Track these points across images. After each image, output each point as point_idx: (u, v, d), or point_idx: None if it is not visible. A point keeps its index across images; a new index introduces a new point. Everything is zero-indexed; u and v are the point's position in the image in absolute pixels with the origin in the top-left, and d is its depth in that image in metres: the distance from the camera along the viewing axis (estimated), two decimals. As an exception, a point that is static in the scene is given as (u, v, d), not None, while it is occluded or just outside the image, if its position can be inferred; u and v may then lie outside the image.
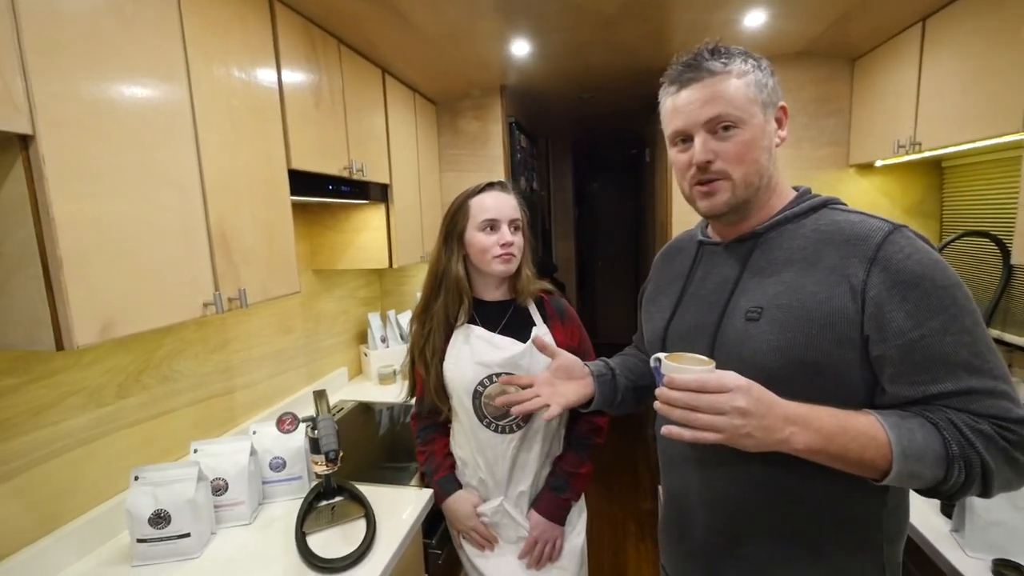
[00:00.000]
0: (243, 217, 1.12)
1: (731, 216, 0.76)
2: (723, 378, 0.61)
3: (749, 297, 0.74)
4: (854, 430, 0.62)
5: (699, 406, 0.60)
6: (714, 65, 0.71)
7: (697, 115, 0.72)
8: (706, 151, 0.72)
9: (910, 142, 1.62)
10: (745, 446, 0.61)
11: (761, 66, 0.74)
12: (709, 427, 0.60)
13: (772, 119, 0.74)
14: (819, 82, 2.07)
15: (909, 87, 1.65)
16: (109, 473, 1.13)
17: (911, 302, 0.63)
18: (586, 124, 3.69)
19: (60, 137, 0.74)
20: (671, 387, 0.62)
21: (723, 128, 0.71)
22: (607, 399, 0.97)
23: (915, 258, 0.64)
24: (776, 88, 0.75)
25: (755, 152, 0.72)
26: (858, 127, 2.03)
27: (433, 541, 1.30)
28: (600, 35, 1.80)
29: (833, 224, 0.71)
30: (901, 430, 0.61)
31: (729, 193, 0.73)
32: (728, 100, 0.70)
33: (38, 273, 0.73)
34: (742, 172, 0.72)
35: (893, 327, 0.63)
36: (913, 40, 1.63)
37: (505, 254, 1.11)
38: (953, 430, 0.61)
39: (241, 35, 1.13)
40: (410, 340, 1.22)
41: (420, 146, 2.21)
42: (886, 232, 0.66)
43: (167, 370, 1.28)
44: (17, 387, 0.96)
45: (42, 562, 0.97)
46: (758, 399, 0.61)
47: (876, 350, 0.65)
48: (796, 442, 0.61)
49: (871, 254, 0.65)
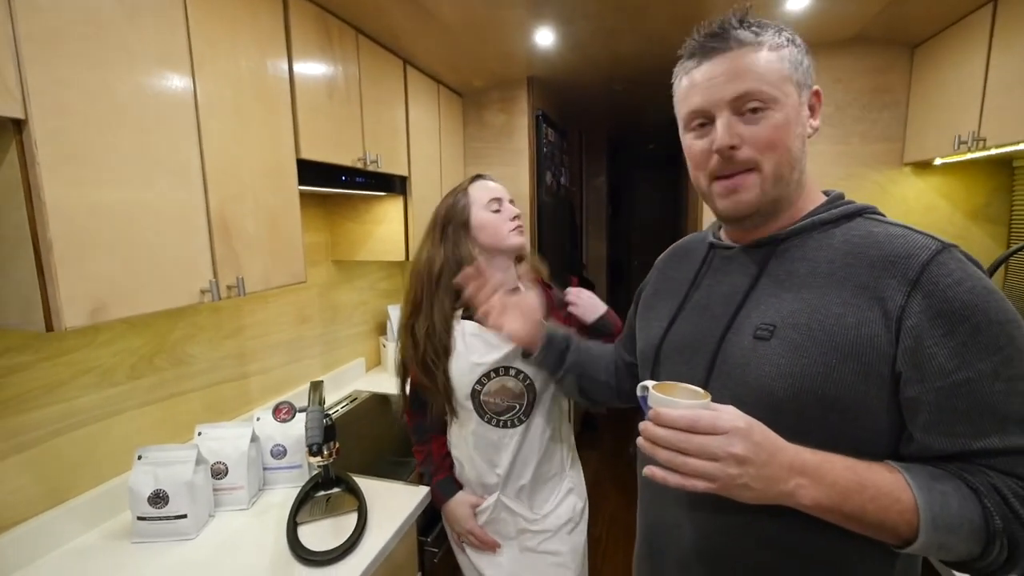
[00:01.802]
0: (246, 205, 1.13)
1: (755, 219, 0.66)
2: (718, 417, 0.52)
3: (761, 312, 0.64)
4: (875, 488, 0.53)
5: (688, 448, 0.52)
6: (744, 35, 0.60)
7: (721, 91, 0.60)
8: (731, 134, 0.60)
9: (973, 138, 1.45)
10: (742, 497, 0.53)
11: (796, 42, 0.63)
12: (699, 474, 0.51)
13: (806, 104, 0.64)
14: (874, 71, 1.90)
15: (974, 77, 1.47)
16: (118, 451, 1.17)
17: (957, 338, 0.53)
18: (622, 118, 3.57)
19: (55, 123, 0.76)
20: (657, 423, 0.54)
21: (752, 109, 0.60)
22: (547, 365, 0.98)
23: (967, 285, 0.54)
24: (810, 69, 0.64)
25: (789, 138, 0.60)
26: (916, 121, 1.85)
27: (429, 539, 1.28)
28: (628, 22, 1.71)
29: (869, 236, 0.61)
30: (932, 493, 0.52)
31: (757, 190, 0.62)
32: (760, 75, 0.59)
33: (30, 256, 0.75)
34: (774, 162, 0.61)
35: (933, 365, 0.53)
36: (982, 24, 1.45)
37: (518, 226, 1.13)
38: (997, 498, 0.52)
39: (249, 24, 1.13)
40: (398, 353, 1.20)
41: (443, 139, 2.19)
42: (934, 251, 0.56)
43: (180, 353, 1.32)
44: (32, 363, 1.01)
45: (50, 532, 1.02)
46: (759, 444, 0.52)
47: (910, 391, 0.55)
48: (803, 497, 0.53)
49: (913, 276, 0.55)
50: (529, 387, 1.10)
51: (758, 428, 0.53)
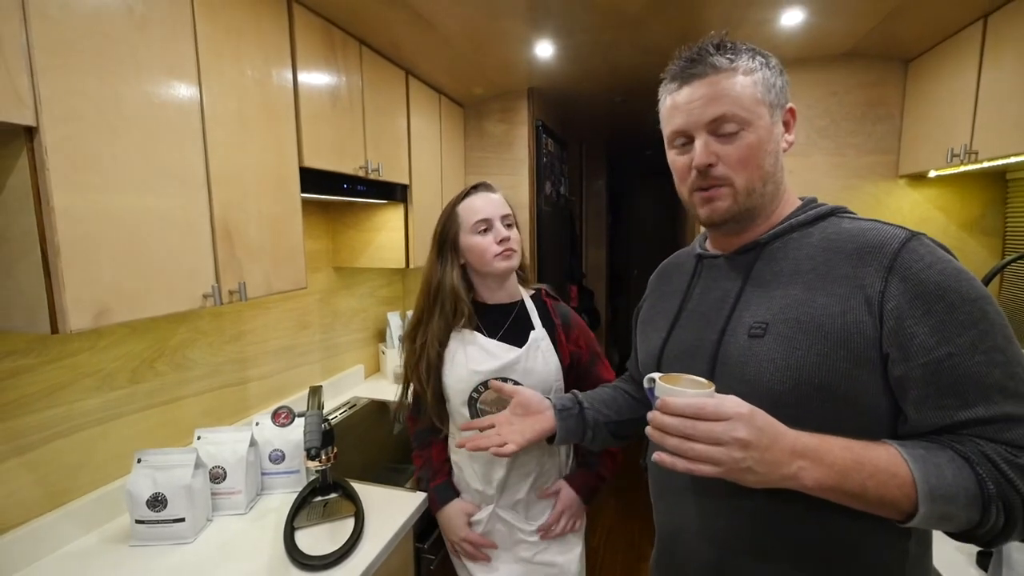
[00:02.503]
0: (249, 212, 1.15)
1: (732, 225, 0.71)
2: (722, 404, 0.55)
3: (752, 312, 0.68)
4: (872, 465, 0.55)
5: (695, 435, 0.54)
6: (719, 60, 0.66)
7: (700, 114, 0.67)
8: (707, 153, 0.66)
9: (965, 151, 1.47)
10: (747, 481, 0.55)
11: (769, 64, 0.69)
12: (705, 458, 0.54)
13: (780, 122, 0.69)
14: (868, 86, 1.92)
15: (966, 91, 1.50)
16: (118, 454, 1.17)
17: (935, 316, 0.57)
18: (621, 129, 3.61)
19: (65, 130, 0.78)
20: (664, 411, 0.57)
21: (727, 132, 0.66)
22: (572, 433, 0.93)
23: (937, 267, 0.58)
24: (784, 89, 0.70)
25: (760, 157, 0.67)
26: (909, 134, 1.87)
27: (426, 545, 1.28)
28: (626, 35, 1.75)
29: (843, 232, 0.66)
30: (927, 465, 0.55)
31: (731, 200, 0.68)
32: (734, 99, 0.65)
33: (37, 259, 0.77)
34: (745, 178, 0.67)
35: (915, 344, 0.57)
36: (973, 39, 1.48)
37: (505, 251, 1.10)
38: (988, 465, 0.54)
39: (255, 35, 1.16)
40: (403, 357, 1.22)
41: (444, 148, 2.22)
42: (903, 239, 0.61)
43: (180, 358, 1.33)
44: (35, 367, 1.02)
45: (48, 535, 1.02)
46: (761, 429, 0.54)
47: (897, 370, 0.58)
48: (805, 478, 0.55)
49: (888, 263, 0.60)
50: None
51: (760, 414, 0.56)
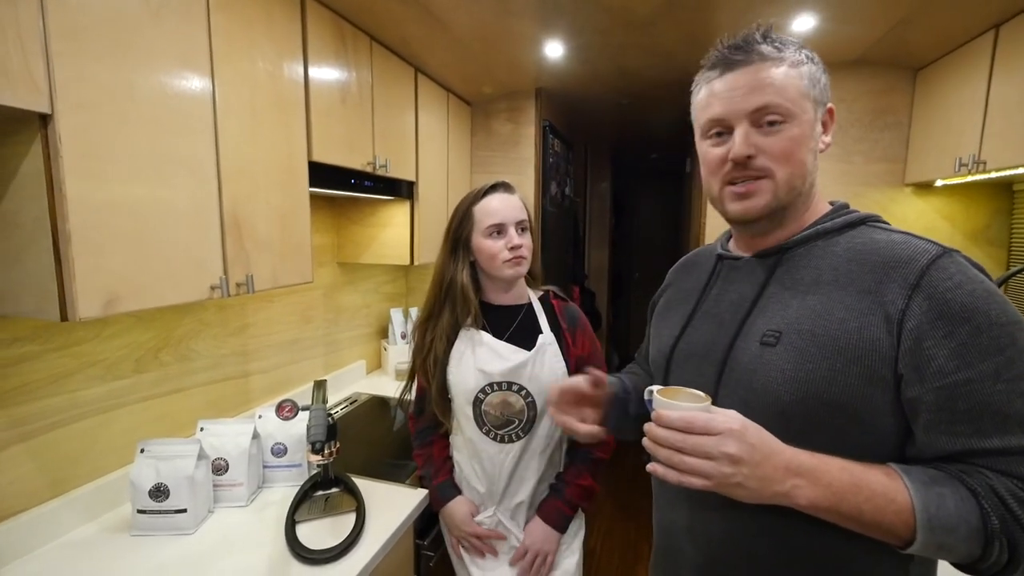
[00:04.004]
0: (258, 205, 1.15)
1: (764, 224, 0.68)
2: (713, 419, 0.55)
3: (768, 319, 0.65)
4: (869, 489, 0.54)
5: (684, 448, 0.55)
6: (766, 49, 0.63)
7: (742, 103, 0.63)
8: (747, 144, 0.63)
9: (973, 160, 1.47)
10: (738, 496, 0.55)
11: (815, 60, 0.66)
12: (695, 471, 0.54)
13: (820, 120, 0.66)
14: (876, 93, 1.93)
15: (975, 100, 1.50)
16: (121, 444, 1.17)
17: (957, 339, 0.54)
18: (627, 132, 3.61)
19: (79, 118, 0.78)
20: (658, 423, 0.57)
21: (769, 122, 0.62)
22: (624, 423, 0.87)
23: (967, 288, 0.55)
24: (827, 87, 0.67)
25: (803, 152, 0.63)
26: (918, 143, 1.87)
27: (426, 542, 1.28)
28: (636, 38, 1.75)
29: (871, 243, 0.63)
30: (929, 494, 0.53)
31: (770, 195, 0.64)
32: (779, 89, 0.62)
33: (48, 246, 0.76)
34: (787, 173, 0.63)
35: (933, 366, 0.54)
36: (984, 49, 1.48)
37: (515, 258, 1.09)
38: (994, 499, 0.52)
39: (268, 27, 1.16)
40: (413, 347, 1.22)
41: (451, 146, 2.21)
42: (933, 255, 0.57)
43: (185, 349, 1.33)
44: (39, 354, 1.02)
45: (49, 522, 1.02)
46: (753, 445, 0.54)
47: (910, 392, 0.56)
48: (799, 497, 0.55)
49: (914, 280, 0.56)
50: (530, 404, 1.10)
51: (753, 430, 0.55)
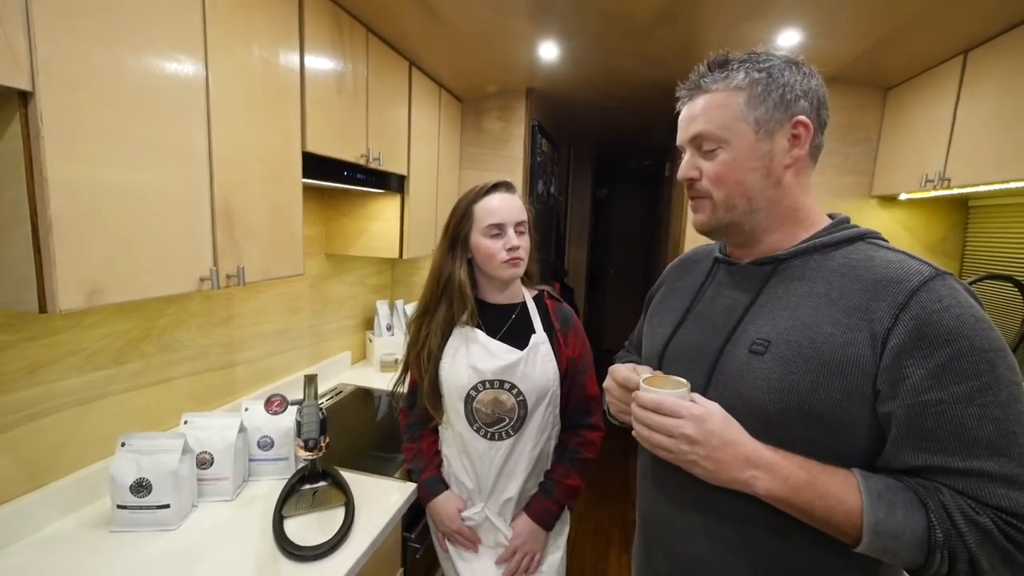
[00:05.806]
0: (250, 195, 1.12)
1: (719, 236, 0.76)
2: (680, 403, 0.63)
3: (758, 327, 0.68)
4: (823, 488, 0.58)
5: (652, 425, 0.64)
6: (706, 82, 0.70)
7: (683, 132, 0.73)
8: (689, 168, 0.72)
9: (939, 177, 1.57)
10: (696, 472, 0.63)
11: (772, 74, 0.65)
12: (657, 445, 0.64)
13: (778, 137, 0.66)
14: (848, 108, 2.03)
15: (943, 121, 1.60)
16: (100, 436, 1.13)
17: (936, 360, 0.55)
18: (610, 134, 3.66)
19: (63, 97, 0.73)
20: (637, 403, 0.67)
21: (707, 147, 0.70)
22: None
23: (954, 311, 0.56)
24: (793, 102, 0.66)
25: (738, 174, 0.68)
26: (885, 158, 1.98)
27: (412, 535, 1.29)
28: (630, 43, 1.78)
29: (866, 260, 0.64)
30: (880, 500, 0.56)
31: (708, 212, 0.72)
32: (708, 119, 0.69)
33: (27, 233, 0.72)
34: (723, 194, 0.70)
35: (907, 384, 0.56)
36: (952, 73, 1.58)
37: (513, 259, 1.10)
38: (943, 514, 0.55)
39: (264, 13, 1.13)
40: (408, 339, 1.22)
41: (442, 141, 2.21)
42: (926, 277, 0.58)
43: (168, 340, 1.29)
44: (14, 343, 0.97)
45: (24, 517, 0.98)
46: (712, 432, 0.61)
47: (884, 407, 0.58)
48: (757, 486, 0.61)
49: (903, 299, 0.58)
50: (521, 403, 1.11)
51: (718, 420, 0.62)
